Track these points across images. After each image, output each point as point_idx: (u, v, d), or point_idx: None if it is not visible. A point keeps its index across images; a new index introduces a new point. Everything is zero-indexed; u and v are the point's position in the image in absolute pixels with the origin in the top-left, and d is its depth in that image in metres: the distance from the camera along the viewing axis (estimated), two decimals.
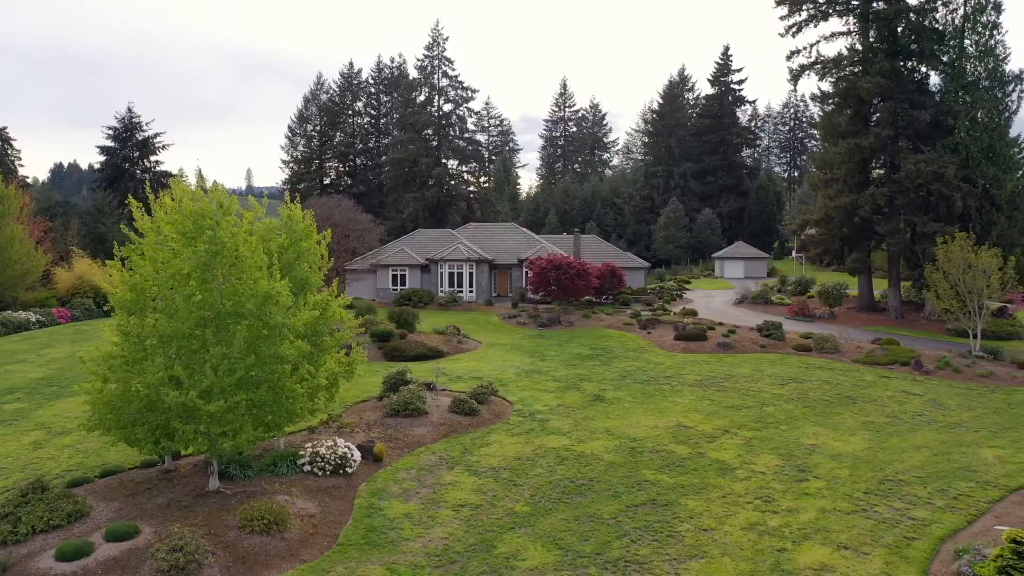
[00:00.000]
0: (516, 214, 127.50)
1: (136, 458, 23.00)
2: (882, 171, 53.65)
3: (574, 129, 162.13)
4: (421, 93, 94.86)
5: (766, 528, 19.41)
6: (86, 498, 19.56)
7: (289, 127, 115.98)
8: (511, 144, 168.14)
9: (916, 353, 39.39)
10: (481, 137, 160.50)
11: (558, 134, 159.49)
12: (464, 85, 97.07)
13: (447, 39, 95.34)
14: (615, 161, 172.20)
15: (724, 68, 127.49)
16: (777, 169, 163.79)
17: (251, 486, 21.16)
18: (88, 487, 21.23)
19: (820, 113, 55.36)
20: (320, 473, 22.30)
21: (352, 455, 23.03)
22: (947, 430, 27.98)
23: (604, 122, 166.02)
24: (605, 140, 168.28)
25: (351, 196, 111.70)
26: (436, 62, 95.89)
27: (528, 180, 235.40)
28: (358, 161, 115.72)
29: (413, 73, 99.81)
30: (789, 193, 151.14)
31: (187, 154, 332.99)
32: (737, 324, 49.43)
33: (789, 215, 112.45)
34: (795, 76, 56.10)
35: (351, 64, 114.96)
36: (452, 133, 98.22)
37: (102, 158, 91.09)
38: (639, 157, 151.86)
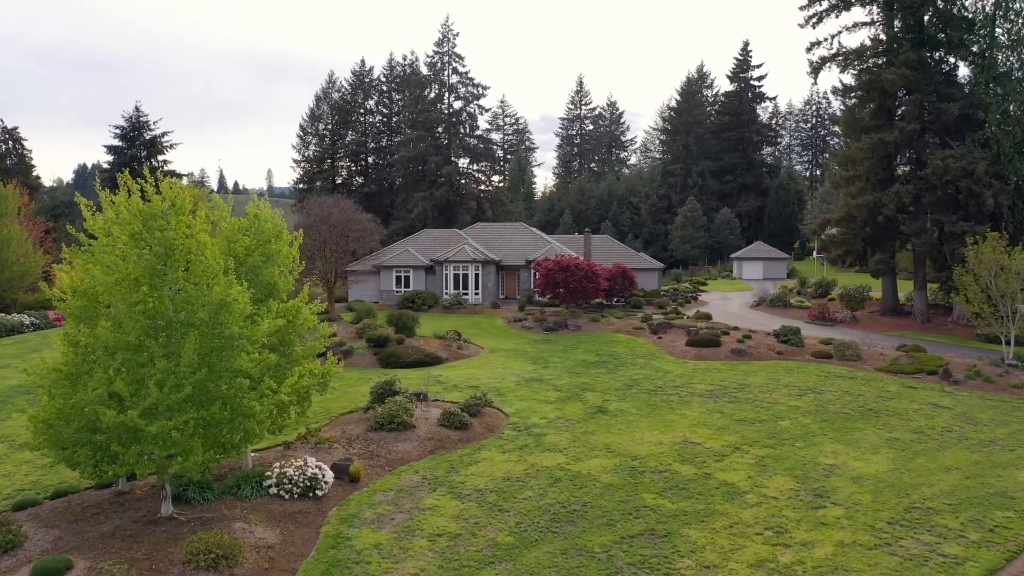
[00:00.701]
0: (530, 214, 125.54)
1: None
2: (907, 168, 51.01)
3: (591, 127, 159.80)
4: (431, 90, 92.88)
5: (777, 566, 17.25)
6: (21, 526, 17.80)
7: (301, 126, 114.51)
8: (527, 143, 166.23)
9: (944, 361, 36.90)
10: (496, 136, 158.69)
11: (574, 132, 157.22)
12: (475, 82, 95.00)
13: (457, 35, 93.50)
14: (633, 160, 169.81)
15: (743, 64, 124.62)
16: (799, 167, 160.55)
17: (209, 511, 19.31)
18: (33, 511, 19.52)
19: (842, 108, 52.82)
20: (287, 496, 20.41)
21: (323, 476, 21.11)
22: (980, 449, 25.59)
23: (622, 120, 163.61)
24: (623, 139, 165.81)
25: (363, 196, 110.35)
26: (446, 58, 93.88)
27: (546, 180, 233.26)
28: (370, 160, 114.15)
29: (425, 71, 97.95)
30: (811, 192, 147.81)
31: (211, 154, 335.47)
32: (753, 329, 47.06)
33: (811, 214, 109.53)
34: (815, 69, 53.57)
35: (363, 62, 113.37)
36: (463, 131, 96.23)
37: (110, 158, 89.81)
38: (657, 156, 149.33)
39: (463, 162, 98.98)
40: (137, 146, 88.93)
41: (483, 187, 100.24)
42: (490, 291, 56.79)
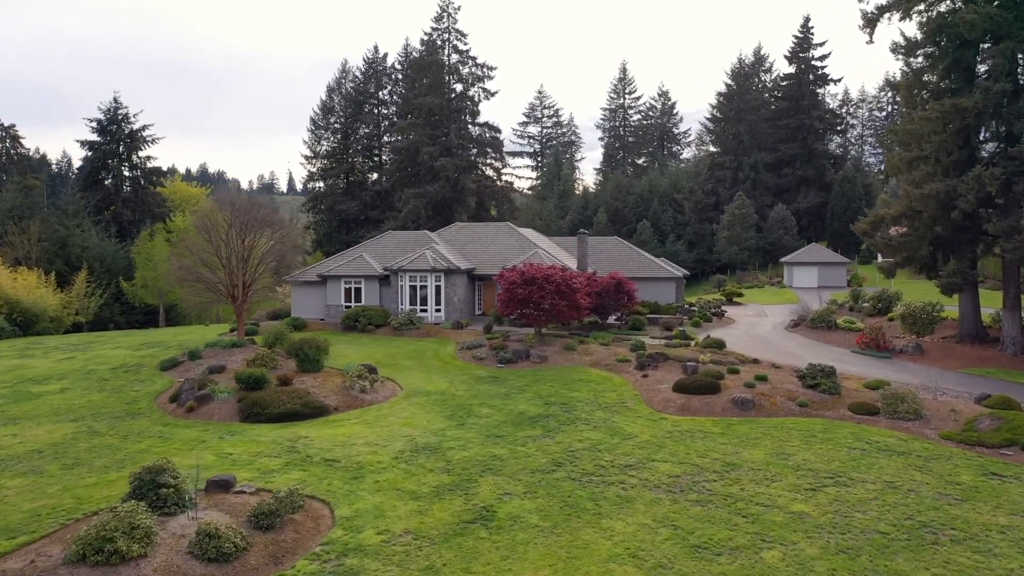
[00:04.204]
0: (562, 213, 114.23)
1: None
2: (993, 144, 38.20)
3: (636, 118, 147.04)
4: (428, 73, 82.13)
5: None
6: None
7: (312, 119, 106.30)
8: (573, 136, 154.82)
9: None
10: (534, 129, 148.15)
11: (617, 124, 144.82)
12: (477, 61, 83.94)
13: (459, 9, 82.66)
14: (686, 154, 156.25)
15: (804, 42, 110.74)
16: (872, 160, 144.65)
17: None
18: None
19: (903, 69, 40.19)
20: None
21: None
22: None
23: (675, 112, 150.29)
24: (675, 131, 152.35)
25: (375, 193, 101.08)
26: (445, 36, 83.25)
27: (592, 177, 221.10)
28: (384, 156, 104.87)
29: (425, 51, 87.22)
30: (884, 186, 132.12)
31: (283, 157, 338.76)
32: (778, 362, 35.27)
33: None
34: (870, 21, 41.07)
35: (376, 48, 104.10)
36: (465, 118, 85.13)
37: (86, 154, 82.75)
38: (713, 149, 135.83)
39: (472, 152, 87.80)
40: (116, 140, 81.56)
41: (488, 182, 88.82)
42: (456, 307, 46.10)
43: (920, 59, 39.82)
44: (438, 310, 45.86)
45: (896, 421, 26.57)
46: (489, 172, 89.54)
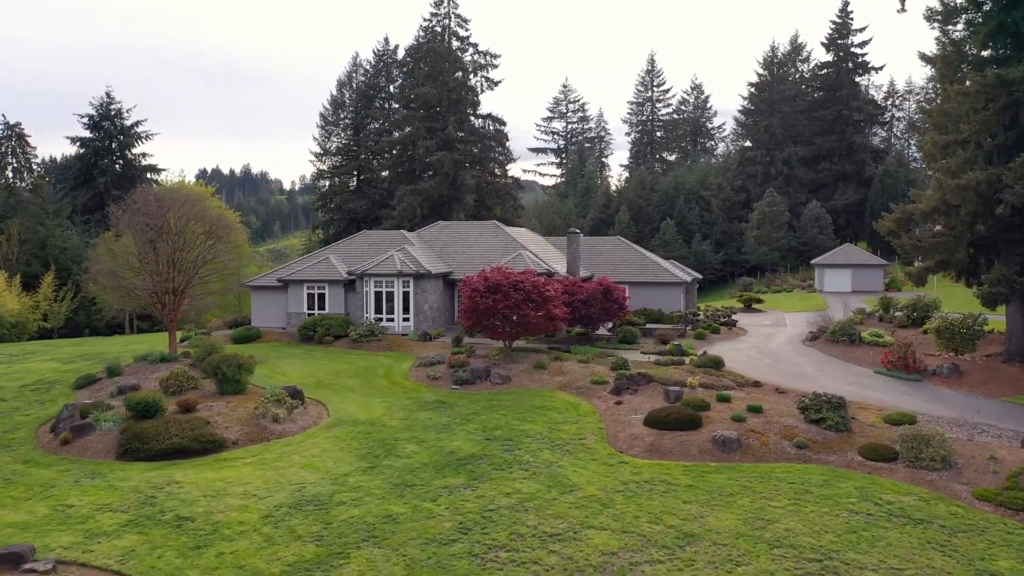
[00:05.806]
0: (584, 211, 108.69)
1: None
2: None
3: (666, 112, 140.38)
4: (426, 61, 77.06)
5: None
6: None
7: (322, 115, 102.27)
8: (599, 132, 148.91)
9: None
10: (558, 124, 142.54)
11: (645, 118, 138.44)
12: (479, 48, 78.63)
13: None
14: (720, 150, 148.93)
15: (842, 28, 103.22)
16: (919, 155, 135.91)
17: None
18: None
19: (939, 38, 34.09)
20: None
21: None
22: None
23: (708, 106, 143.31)
24: (708, 126, 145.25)
25: (383, 192, 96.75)
26: (445, 21, 78.22)
27: (619, 174, 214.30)
28: (394, 152, 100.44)
29: (422, 35, 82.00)
30: (929, 182, 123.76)
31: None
32: (784, 385, 29.65)
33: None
34: None
35: (386, 40, 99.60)
36: (466, 109, 79.73)
37: (79, 151, 79.64)
38: (749, 144, 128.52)
39: (475, 147, 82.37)
40: (110, 136, 78.36)
41: (490, 178, 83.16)
42: (427, 315, 41.16)
43: (960, 26, 33.68)
44: (406, 319, 40.97)
45: (917, 471, 20.89)
46: (495, 168, 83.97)
